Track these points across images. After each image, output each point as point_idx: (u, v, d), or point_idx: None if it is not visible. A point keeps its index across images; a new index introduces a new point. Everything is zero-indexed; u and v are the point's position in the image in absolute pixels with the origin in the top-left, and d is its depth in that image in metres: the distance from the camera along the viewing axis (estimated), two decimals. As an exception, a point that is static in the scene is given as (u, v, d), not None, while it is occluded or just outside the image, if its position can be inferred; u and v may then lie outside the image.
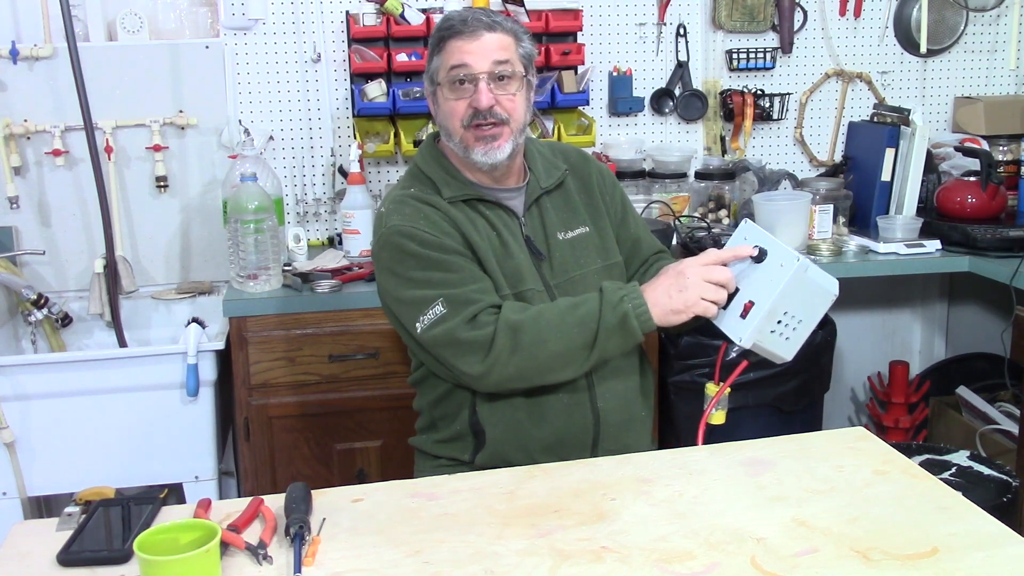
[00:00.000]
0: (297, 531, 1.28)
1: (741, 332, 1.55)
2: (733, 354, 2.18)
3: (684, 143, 3.18)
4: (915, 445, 2.52)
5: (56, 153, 2.72)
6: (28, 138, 2.74)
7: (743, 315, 1.55)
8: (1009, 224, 2.75)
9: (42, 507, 2.57)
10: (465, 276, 1.66)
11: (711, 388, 1.70)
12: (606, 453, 1.76)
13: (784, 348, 1.58)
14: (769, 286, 1.53)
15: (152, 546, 1.17)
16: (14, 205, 2.73)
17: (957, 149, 3.04)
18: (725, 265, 1.59)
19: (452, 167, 1.78)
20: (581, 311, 1.62)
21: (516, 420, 1.71)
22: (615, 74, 3.08)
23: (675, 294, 1.58)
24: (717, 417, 1.68)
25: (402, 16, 2.77)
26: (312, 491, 1.41)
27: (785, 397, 2.65)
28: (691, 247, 2.67)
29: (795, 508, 1.37)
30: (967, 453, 2.44)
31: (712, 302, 1.58)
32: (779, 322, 1.54)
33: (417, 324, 1.66)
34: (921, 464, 2.29)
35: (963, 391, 3.12)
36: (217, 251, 2.85)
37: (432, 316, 1.64)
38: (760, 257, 1.54)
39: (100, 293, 2.68)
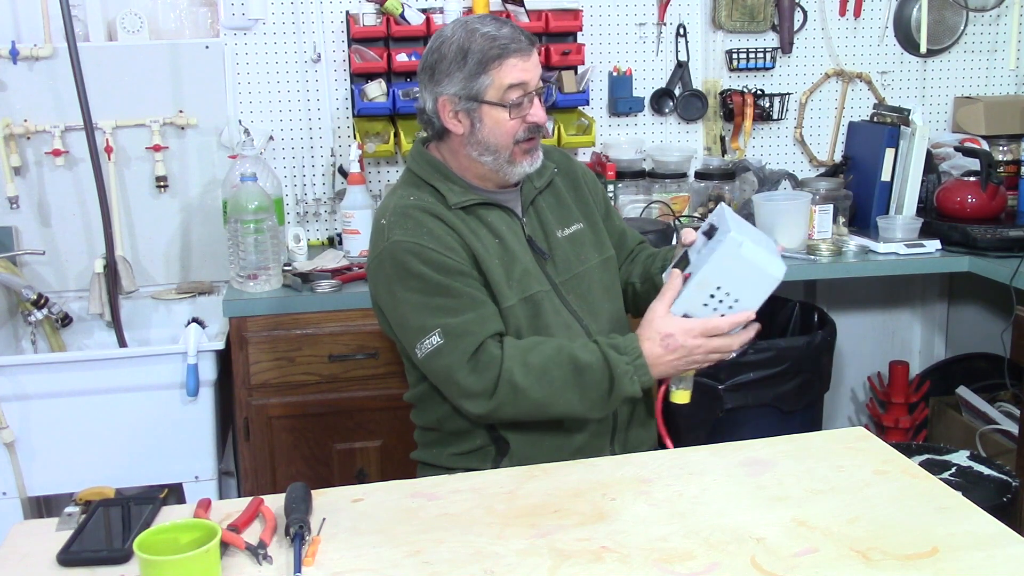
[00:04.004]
0: (297, 531, 1.28)
1: (676, 302, 1.61)
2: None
3: (684, 143, 3.18)
4: (915, 445, 2.52)
5: (56, 153, 2.72)
6: (28, 138, 2.74)
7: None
8: (1009, 224, 2.75)
9: (42, 507, 2.57)
10: (464, 303, 1.65)
11: None
12: (621, 444, 1.79)
13: (732, 304, 1.61)
14: (704, 259, 1.58)
15: (152, 546, 1.17)
16: (14, 205, 2.73)
17: (957, 149, 3.04)
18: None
19: (451, 172, 1.77)
20: (588, 379, 1.63)
21: (540, 427, 1.71)
22: (615, 74, 3.08)
23: (681, 365, 1.64)
24: (681, 396, 1.69)
25: (402, 16, 2.78)
26: (312, 491, 1.41)
27: (785, 397, 2.65)
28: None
29: (795, 508, 1.36)
30: (967, 453, 2.44)
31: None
32: (712, 296, 1.58)
33: (416, 349, 1.67)
34: (921, 464, 2.30)
35: (963, 391, 3.12)
36: (217, 251, 2.85)
37: (430, 346, 1.65)
38: (710, 233, 1.60)
39: (100, 293, 2.68)
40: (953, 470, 2.35)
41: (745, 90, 3.13)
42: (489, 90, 1.67)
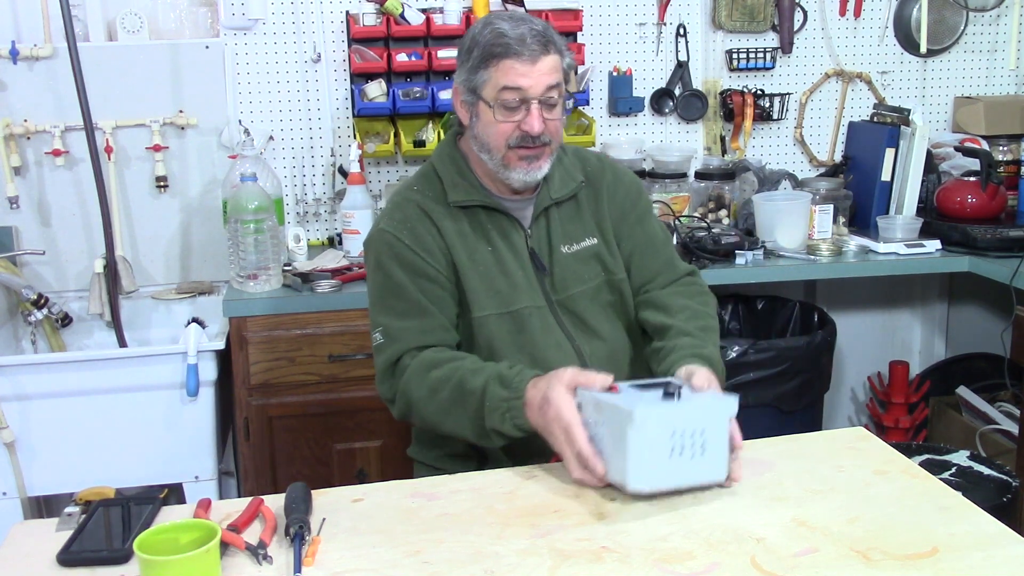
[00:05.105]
0: (297, 531, 1.28)
1: (584, 391, 1.47)
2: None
3: (684, 143, 3.18)
4: (915, 445, 2.52)
5: (56, 153, 2.72)
6: (28, 138, 2.74)
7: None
8: (1009, 224, 2.75)
9: (42, 507, 2.57)
10: (412, 309, 1.67)
11: None
12: None
13: (601, 448, 1.41)
14: (622, 397, 1.41)
15: (152, 546, 1.17)
16: (14, 205, 2.73)
17: (957, 149, 3.04)
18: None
19: (467, 169, 1.74)
20: (469, 405, 1.56)
21: (521, 440, 1.61)
22: (615, 74, 3.08)
23: (544, 432, 1.49)
24: None
25: (402, 16, 2.78)
26: (312, 491, 1.41)
27: (785, 397, 2.65)
28: (691, 247, 2.68)
29: (795, 508, 1.36)
30: (967, 453, 2.44)
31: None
32: (595, 422, 1.41)
33: (372, 337, 1.73)
34: (921, 464, 2.30)
35: (963, 391, 3.12)
36: (217, 251, 2.85)
37: (375, 340, 1.70)
38: (668, 392, 1.45)
39: (100, 293, 2.68)
40: (953, 470, 2.35)
41: (745, 90, 3.13)
42: (486, 86, 1.63)
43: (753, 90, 3.13)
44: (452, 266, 1.70)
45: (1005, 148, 3.14)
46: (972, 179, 2.86)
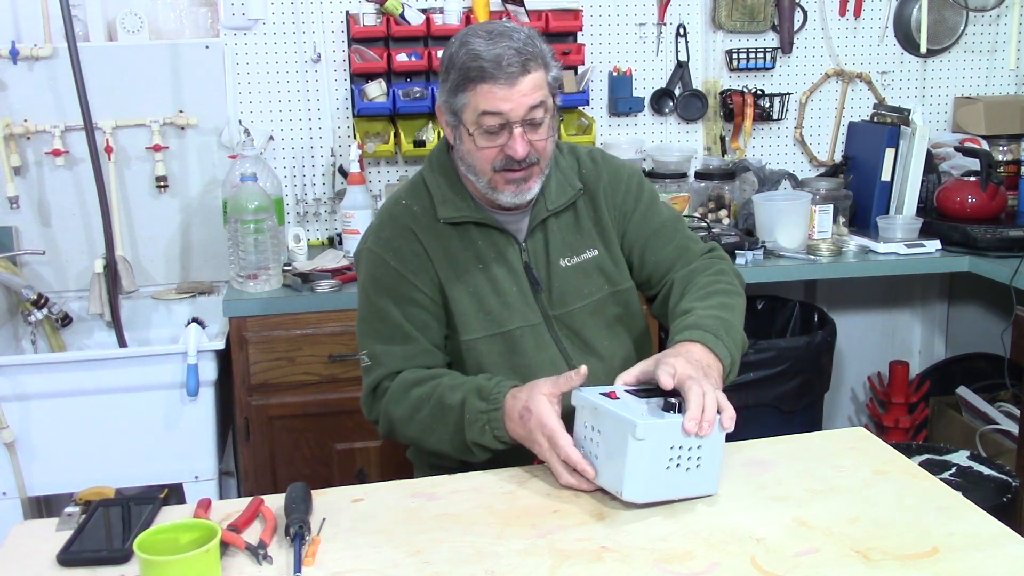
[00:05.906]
0: (297, 531, 1.28)
1: (581, 392, 1.45)
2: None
3: (684, 143, 3.18)
4: (915, 445, 2.52)
5: (56, 153, 2.72)
6: (28, 138, 2.74)
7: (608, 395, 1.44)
8: (1009, 224, 2.76)
9: (42, 507, 2.57)
10: (397, 334, 1.64)
11: None
12: None
13: (595, 452, 1.40)
14: (624, 405, 1.39)
15: (152, 546, 1.17)
16: (14, 205, 2.73)
17: (957, 149, 3.04)
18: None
19: (458, 184, 1.67)
20: (449, 421, 1.54)
21: (506, 454, 1.57)
22: (615, 74, 3.08)
23: (525, 442, 1.47)
24: None
25: (402, 16, 2.78)
26: (312, 491, 1.41)
27: (785, 397, 2.65)
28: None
29: (795, 508, 1.36)
30: (967, 453, 2.44)
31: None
32: (592, 427, 1.39)
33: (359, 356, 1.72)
34: (921, 464, 2.30)
35: (963, 391, 3.12)
36: (217, 251, 2.85)
37: (362, 361, 1.69)
38: (670, 403, 1.38)
39: (100, 293, 2.68)
40: (953, 470, 2.35)
41: (745, 90, 3.13)
42: (465, 110, 1.54)
43: (753, 90, 3.13)
44: (439, 286, 1.65)
45: (1005, 148, 3.14)
46: (972, 179, 2.86)
